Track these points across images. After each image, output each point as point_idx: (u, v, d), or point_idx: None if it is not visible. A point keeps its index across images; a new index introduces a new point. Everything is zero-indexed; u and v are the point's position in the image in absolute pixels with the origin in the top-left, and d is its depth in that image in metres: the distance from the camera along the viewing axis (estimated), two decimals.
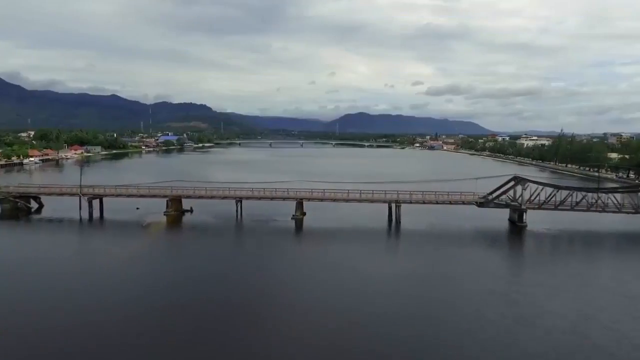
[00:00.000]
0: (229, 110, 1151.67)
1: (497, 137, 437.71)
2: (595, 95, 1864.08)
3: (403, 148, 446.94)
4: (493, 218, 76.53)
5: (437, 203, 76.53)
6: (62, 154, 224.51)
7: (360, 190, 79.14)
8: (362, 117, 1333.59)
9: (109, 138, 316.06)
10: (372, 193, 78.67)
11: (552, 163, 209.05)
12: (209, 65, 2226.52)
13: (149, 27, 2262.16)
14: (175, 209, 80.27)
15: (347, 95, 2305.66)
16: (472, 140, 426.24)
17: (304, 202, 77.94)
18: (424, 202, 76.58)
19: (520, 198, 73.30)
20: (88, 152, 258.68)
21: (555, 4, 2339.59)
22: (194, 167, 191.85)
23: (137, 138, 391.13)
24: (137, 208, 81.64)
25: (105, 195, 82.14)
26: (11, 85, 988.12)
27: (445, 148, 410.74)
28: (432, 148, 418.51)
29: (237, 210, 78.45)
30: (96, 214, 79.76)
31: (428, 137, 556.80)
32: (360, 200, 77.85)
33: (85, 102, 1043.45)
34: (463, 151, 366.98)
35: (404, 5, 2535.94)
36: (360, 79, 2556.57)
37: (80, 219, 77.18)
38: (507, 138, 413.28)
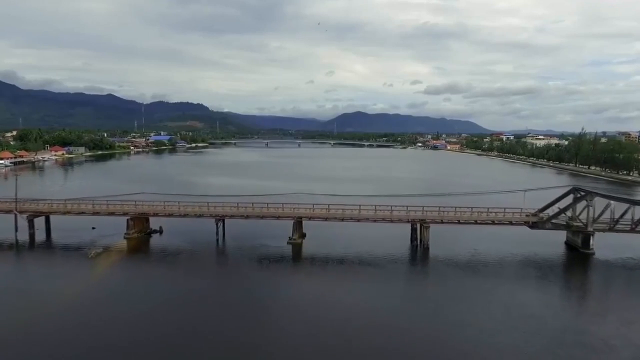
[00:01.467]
0: (225, 110, 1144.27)
1: (502, 136, 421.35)
2: (593, 94, 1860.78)
3: (405, 148, 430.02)
4: (546, 242, 59.48)
5: (475, 223, 59.13)
6: (39, 156, 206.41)
7: (375, 206, 61.73)
8: (359, 116, 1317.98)
9: (94, 138, 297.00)
10: (391, 209, 61.08)
11: (571, 165, 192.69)
12: (206, 64, 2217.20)
13: (146, 26, 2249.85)
14: (140, 229, 63.05)
15: (344, 94, 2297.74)
16: (477, 139, 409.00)
17: (303, 221, 60.96)
18: (458, 222, 59.29)
19: (582, 216, 56.45)
20: (70, 153, 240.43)
21: (552, 3, 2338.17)
22: (179, 170, 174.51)
23: (127, 138, 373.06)
24: (93, 228, 65.58)
25: (52, 213, 64.92)
26: (6, 85, 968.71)
27: (449, 148, 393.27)
28: (435, 148, 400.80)
29: (217, 232, 61.44)
30: (41, 235, 62.98)
31: (429, 136, 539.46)
32: (375, 220, 60.49)
33: (81, 101, 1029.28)
34: (469, 151, 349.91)
35: (402, 4, 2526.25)
36: (358, 78, 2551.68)
37: (16, 243, 60.07)
38: (512, 137, 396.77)
